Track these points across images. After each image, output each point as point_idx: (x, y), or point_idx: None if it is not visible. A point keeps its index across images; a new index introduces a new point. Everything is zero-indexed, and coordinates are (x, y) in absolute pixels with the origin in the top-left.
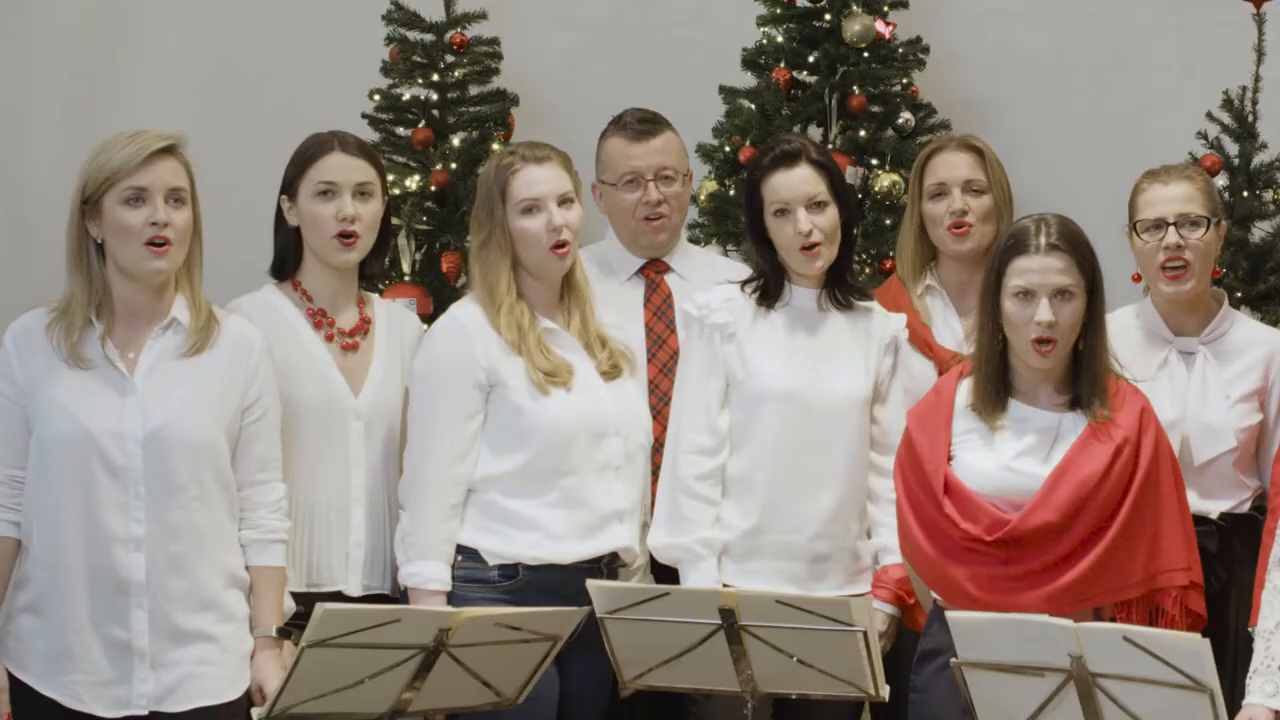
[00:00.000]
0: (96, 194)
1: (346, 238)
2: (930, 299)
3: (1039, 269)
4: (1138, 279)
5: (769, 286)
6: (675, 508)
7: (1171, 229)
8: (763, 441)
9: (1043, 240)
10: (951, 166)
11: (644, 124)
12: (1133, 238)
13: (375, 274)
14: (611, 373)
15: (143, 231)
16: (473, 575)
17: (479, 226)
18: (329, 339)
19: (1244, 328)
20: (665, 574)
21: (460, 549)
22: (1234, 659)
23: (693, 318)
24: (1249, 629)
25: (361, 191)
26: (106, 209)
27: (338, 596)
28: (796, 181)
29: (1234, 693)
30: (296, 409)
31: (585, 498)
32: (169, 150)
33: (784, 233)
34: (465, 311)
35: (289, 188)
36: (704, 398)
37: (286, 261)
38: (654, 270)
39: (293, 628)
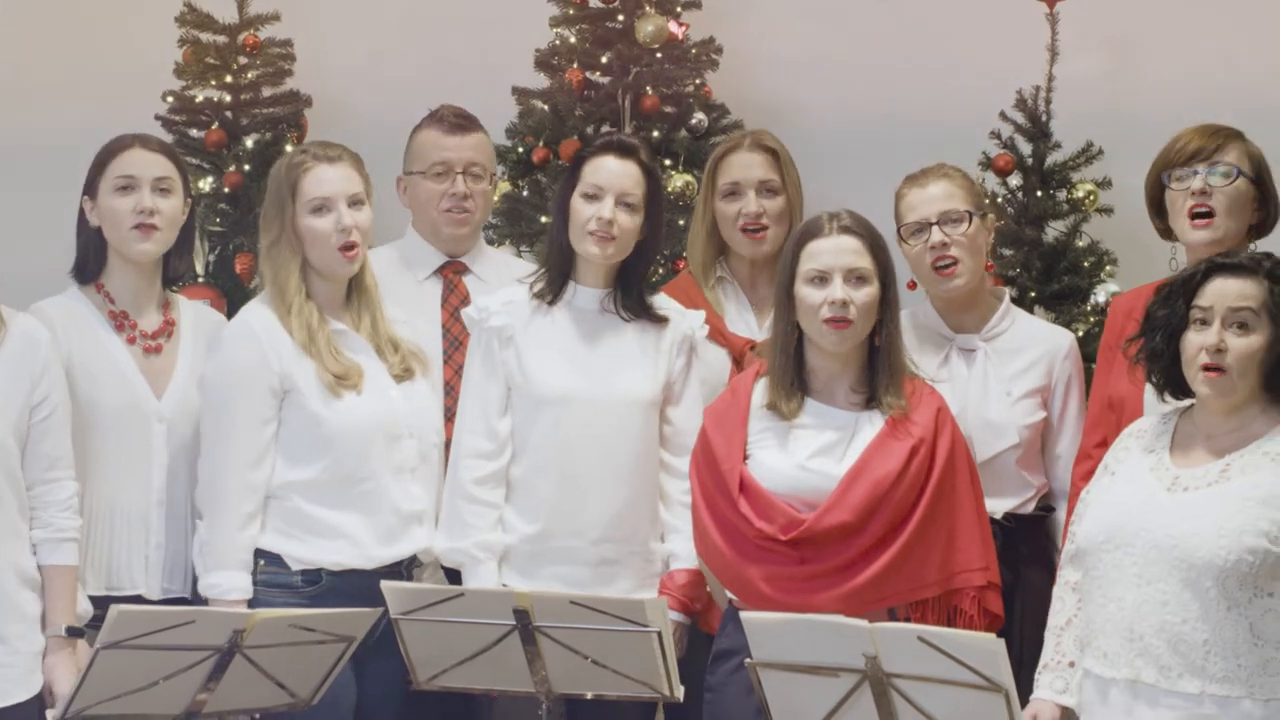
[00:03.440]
0: None
1: (145, 228)
2: (721, 289)
3: (832, 249)
4: (913, 286)
5: (553, 276)
6: (455, 512)
7: (935, 228)
8: (543, 445)
9: (835, 224)
10: (746, 167)
11: (460, 119)
12: (901, 245)
13: (180, 274)
14: (404, 375)
15: None
16: (275, 580)
17: (268, 226)
18: (131, 341)
19: (1025, 325)
20: (455, 573)
21: (263, 554)
22: (1019, 658)
23: (474, 321)
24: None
25: (161, 187)
26: None
27: (137, 600)
28: (620, 171)
29: (1020, 691)
30: (98, 411)
31: (385, 501)
32: None
33: (585, 212)
34: (254, 315)
35: (90, 187)
36: (483, 402)
37: (88, 263)
38: (452, 270)
39: (90, 630)
